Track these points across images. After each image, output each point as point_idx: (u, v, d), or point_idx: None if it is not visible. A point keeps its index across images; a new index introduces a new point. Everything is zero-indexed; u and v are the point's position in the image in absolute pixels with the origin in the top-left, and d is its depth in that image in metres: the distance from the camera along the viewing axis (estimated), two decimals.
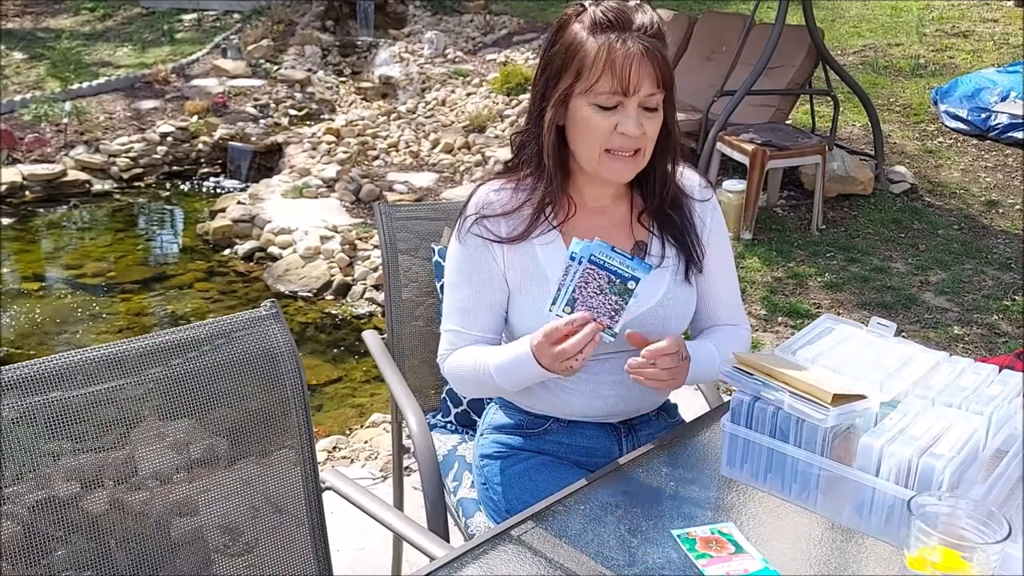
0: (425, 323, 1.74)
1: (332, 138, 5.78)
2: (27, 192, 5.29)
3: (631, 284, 1.17)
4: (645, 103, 1.23)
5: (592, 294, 1.16)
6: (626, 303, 1.16)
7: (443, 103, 6.46)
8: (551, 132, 1.27)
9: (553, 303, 1.19)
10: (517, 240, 1.31)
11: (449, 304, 1.37)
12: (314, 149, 5.64)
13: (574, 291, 1.16)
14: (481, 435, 1.46)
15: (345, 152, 5.54)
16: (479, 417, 1.52)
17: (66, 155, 5.61)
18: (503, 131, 5.83)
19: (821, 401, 1.08)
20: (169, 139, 5.93)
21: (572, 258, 1.18)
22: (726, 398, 1.39)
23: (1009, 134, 5.52)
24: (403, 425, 1.71)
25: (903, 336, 1.38)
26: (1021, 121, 5.47)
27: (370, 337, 1.76)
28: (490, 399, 1.48)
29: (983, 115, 5.63)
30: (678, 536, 1.06)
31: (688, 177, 1.39)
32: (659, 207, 1.34)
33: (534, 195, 1.31)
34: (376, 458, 2.62)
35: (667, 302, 1.32)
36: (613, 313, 1.17)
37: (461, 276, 1.34)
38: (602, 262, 1.16)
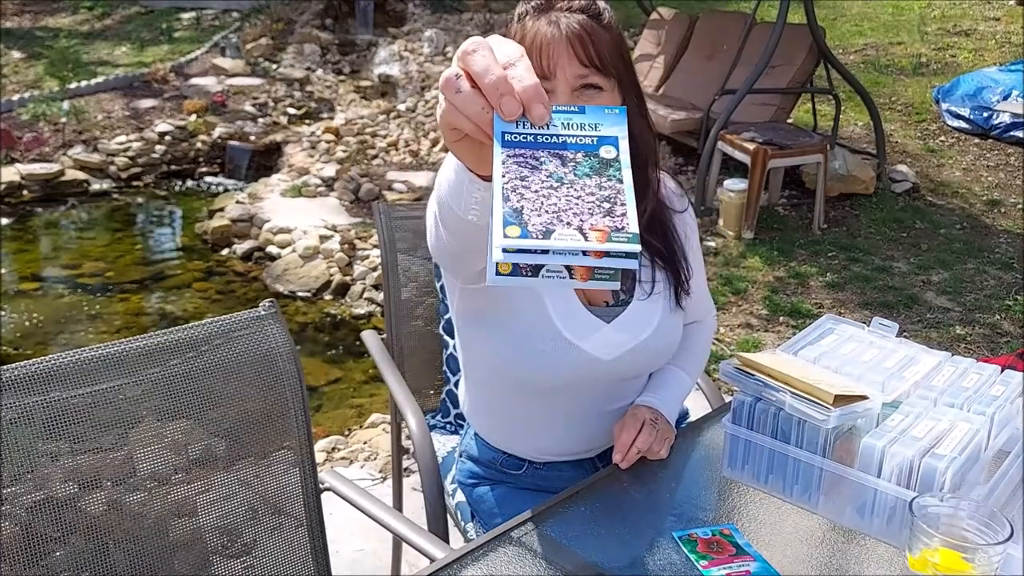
0: (425, 323, 1.73)
1: (331, 137, 5.77)
2: (25, 192, 5.28)
3: (608, 151, 0.68)
4: (578, 84, 1.10)
5: (547, 192, 0.64)
6: (621, 181, 0.66)
7: None
8: None
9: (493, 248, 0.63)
10: None
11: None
12: (313, 148, 5.64)
13: (508, 199, 0.63)
14: (459, 456, 1.45)
15: (344, 151, 5.53)
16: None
17: (64, 154, 5.60)
18: None
19: (823, 402, 1.07)
20: (167, 138, 5.92)
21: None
22: (727, 398, 1.38)
23: (1011, 133, 5.51)
24: (402, 426, 1.71)
25: (905, 336, 1.37)
26: (1023, 120, 5.47)
27: (369, 337, 1.75)
28: (469, 423, 1.43)
29: (985, 114, 5.63)
30: (679, 537, 1.06)
31: (665, 185, 1.29)
32: (643, 225, 1.22)
33: None
34: (375, 459, 2.62)
35: (660, 334, 1.25)
36: (608, 206, 0.65)
37: None
38: (532, 137, 0.67)
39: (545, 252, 0.62)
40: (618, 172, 0.67)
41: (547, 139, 0.67)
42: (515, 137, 0.67)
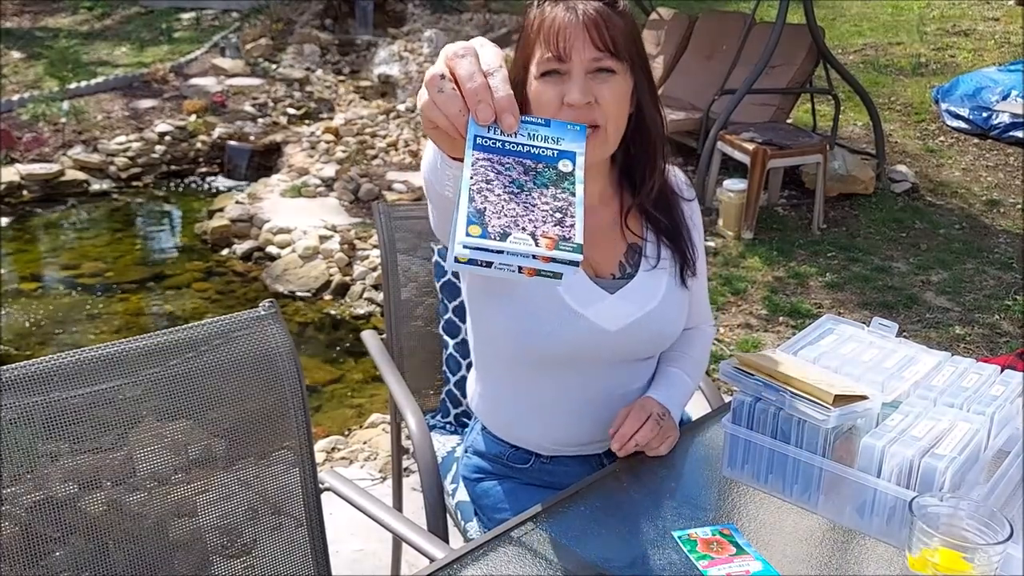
0: (424, 323, 1.73)
1: (331, 137, 5.77)
2: (25, 192, 5.28)
3: (566, 164, 0.76)
4: (592, 68, 1.14)
5: (507, 196, 0.72)
6: (574, 194, 0.74)
7: None
8: None
9: (452, 241, 0.72)
10: None
11: None
12: (313, 148, 5.64)
13: (473, 199, 0.71)
14: (465, 452, 1.45)
15: (344, 151, 5.53)
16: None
17: (64, 155, 5.60)
18: None
19: (822, 402, 1.07)
20: (167, 138, 5.92)
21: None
22: (727, 398, 1.39)
23: (1010, 133, 5.51)
24: (402, 426, 1.71)
25: (904, 336, 1.37)
26: (1022, 120, 5.47)
27: (369, 337, 1.75)
28: (476, 416, 1.44)
29: (984, 114, 5.63)
30: (679, 537, 1.06)
31: (675, 174, 1.36)
32: (651, 202, 1.28)
33: None
34: (375, 459, 2.62)
35: (665, 306, 1.28)
36: (559, 216, 0.72)
37: None
38: (500, 144, 0.74)
39: (500, 252, 0.71)
40: (572, 186, 0.74)
41: (514, 147, 0.75)
42: (486, 141, 0.74)
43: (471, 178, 0.72)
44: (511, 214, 0.71)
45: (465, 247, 0.70)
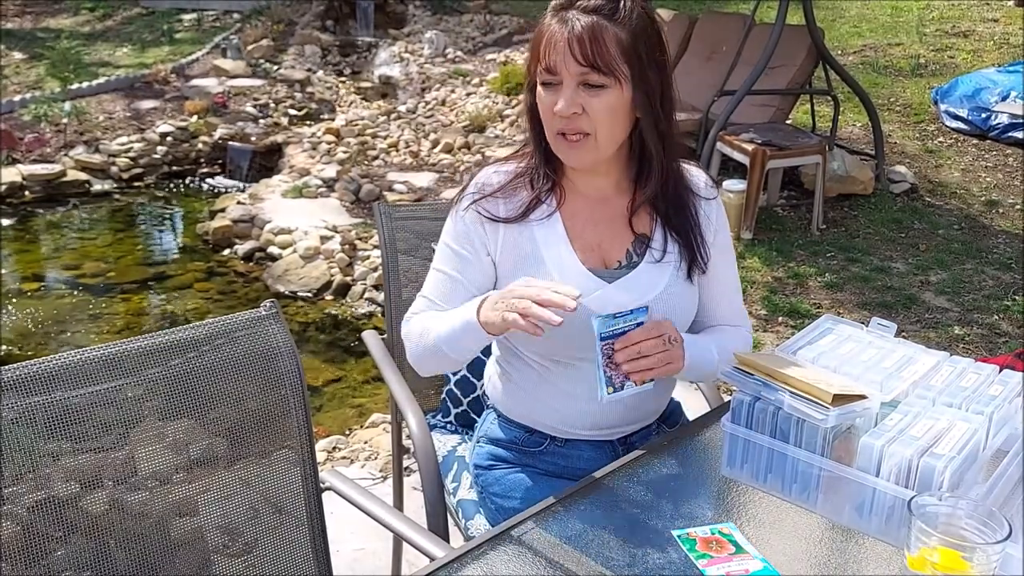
0: None
1: (332, 138, 5.77)
2: (27, 192, 5.28)
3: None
4: (581, 80, 1.18)
5: (616, 364, 1.17)
6: None
7: (443, 103, 6.47)
8: (528, 113, 1.28)
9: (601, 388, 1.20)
10: (516, 220, 1.28)
11: (433, 273, 1.34)
12: (314, 149, 5.64)
13: (605, 371, 1.16)
14: (477, 442, 1.45)
15: (345, 152, 5.54)
16: (479, 418, 1.52)
17: (66, 155, 5.61)
18: (503, 131, 5.83)
19: (821, 401, 1.08)
20: (169, 139, 5.93)
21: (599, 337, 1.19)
22: (726, 398, 1.39)
23: (1009, 134, 5.51)
24: (403, 425, 1.71)
25: (903, 336, 1.38)
26: (1021, 121, 5.47)
27: (370, 337, 1.76)
28: (490, 406, 1.46)
29: (983, 115, 5.63)
30: (678, 536, 1.06)
31: (695, 174, 1.36)
32: (659, 197, 1.30)
33: (527, 176, 1.30)
34: (376, 458, 2.62)
35: (666, 298, 1.29)
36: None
37: (450, 249, 1.32)
38: (611, 332, 1.16)
39: (622, 394, 1.18)
40: None
41: (615, 331, 1.16)
42: (603, 334, 1.15)
43: (602, 356, 1.15)
44: (619, 371, 1.16)
45: (606, 399, 1.17)
